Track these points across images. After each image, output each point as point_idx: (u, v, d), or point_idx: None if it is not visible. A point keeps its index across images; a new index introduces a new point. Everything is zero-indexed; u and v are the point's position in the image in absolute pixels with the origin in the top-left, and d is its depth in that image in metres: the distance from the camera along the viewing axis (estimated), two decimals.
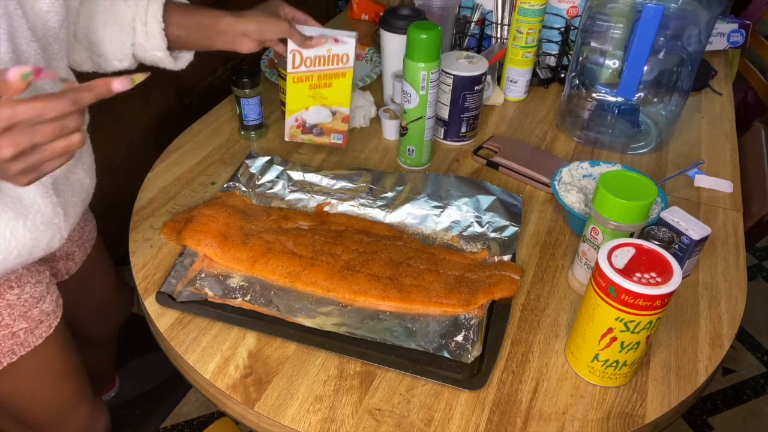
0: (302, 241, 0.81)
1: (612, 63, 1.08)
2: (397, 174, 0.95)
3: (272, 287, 0.77)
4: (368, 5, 1.56)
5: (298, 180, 0.94)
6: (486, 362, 0.69)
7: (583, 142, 1.11)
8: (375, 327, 0.73)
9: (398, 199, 0.91)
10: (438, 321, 0.74)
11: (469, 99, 1.03)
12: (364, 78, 1.24)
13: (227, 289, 0.77)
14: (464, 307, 0.74)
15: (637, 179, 0.71)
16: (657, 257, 0.62)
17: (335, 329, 0.72)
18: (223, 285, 0.77)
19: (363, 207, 0.90)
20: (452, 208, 0.89)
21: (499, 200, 0.90)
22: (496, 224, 0.87)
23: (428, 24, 0.89)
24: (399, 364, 0.69)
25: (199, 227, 0.81)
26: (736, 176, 1.04)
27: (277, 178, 0.94)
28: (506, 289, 0.76)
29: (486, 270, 0.79)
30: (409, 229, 0.88)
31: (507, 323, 0.74)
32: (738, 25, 1.43)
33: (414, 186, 0.93)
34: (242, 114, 1.04)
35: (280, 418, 0.64)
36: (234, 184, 0.93)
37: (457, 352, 0.70)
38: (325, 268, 0.78)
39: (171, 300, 0.75)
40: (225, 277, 0.78)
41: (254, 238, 0.81)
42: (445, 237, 0.86)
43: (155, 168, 0.99)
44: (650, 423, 0.65)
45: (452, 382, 0.67)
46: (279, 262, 0.78)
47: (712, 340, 0.74)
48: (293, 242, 0.81)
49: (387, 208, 0.90)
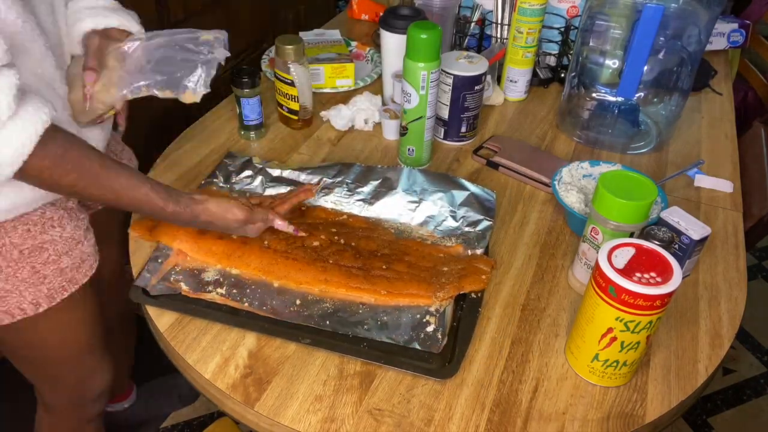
0: (278, 234, 0.82)
1: (612, 63, 1.08)
2: (374, 168, 0.96)
3: (247, 281, 0.78)
4: (368, 5, 1.56)
5: (276, 176, 0.95)
6: (458, 352, 0.70)
7: (583, 142, 1.11)
8: (347, 320, 0.73)
9: (375, 194, 0.92)
10: (409, 314, 0.74)
11: (469, 99, 1.03)
12: (364, 78, 1.24)
13: (202, 283, 0.77)
14: (433, 299, 0.75)
15: (637, 179, 0.71)
16: (657, 257, 0.62)
17: (306, 322, 0.73)
18: (197, 279, 0.78)
19: (340, 201, 0.91)
20: (427, 202, 0.90)
21: (473, 195, 0.91)
22: (470, 218, 0.88)
23: (428, 24, 0.89)
24: (370, 354, 0.69)
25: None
26: (736, 176, 1.04)
27: (256, 174, 0.95)
28: (476, 282, 0.77)
29: (458, 263, 0.80)
30: (385, 223, 0.88)
31: (478, 314, 0.75)
32: (738, 25, 1.43)
33: (390, 181, 0.93)
34: (242, 114, 1.04)
35: (280, 417, 0.64)
36: (212, 180, 0.94)
37: (428, 343, 0.71)
38: (297, 261, 0.79)
39: (145, 294, 0.75)
40: (200, 272, 0.79)
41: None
42: (420, 231, 0.87)
43: (155, 168, 0.99)
44: (650, 423, 0.65)
45: (424, 372, 0.67)
46: (253, 256, 0.79)
47: (712, 340, 0.74)
48: (269, 235, 0.82)
49: (364, 202, 0.91)
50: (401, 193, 0.91)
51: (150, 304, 0.75)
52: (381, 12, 1.49)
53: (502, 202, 0.95)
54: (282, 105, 1.08)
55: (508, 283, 0.80)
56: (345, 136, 1.10)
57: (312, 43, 1.29)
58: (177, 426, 1.45)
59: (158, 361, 0.92)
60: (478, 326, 0.74)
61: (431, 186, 0.92)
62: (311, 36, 1.33)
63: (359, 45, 1.36)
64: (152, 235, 0.82)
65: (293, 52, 1.00)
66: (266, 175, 0.95)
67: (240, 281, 0.78)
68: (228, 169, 0.96)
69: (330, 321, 0.73)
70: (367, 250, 0.82)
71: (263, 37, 2.10)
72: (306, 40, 1.30)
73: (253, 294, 0.76)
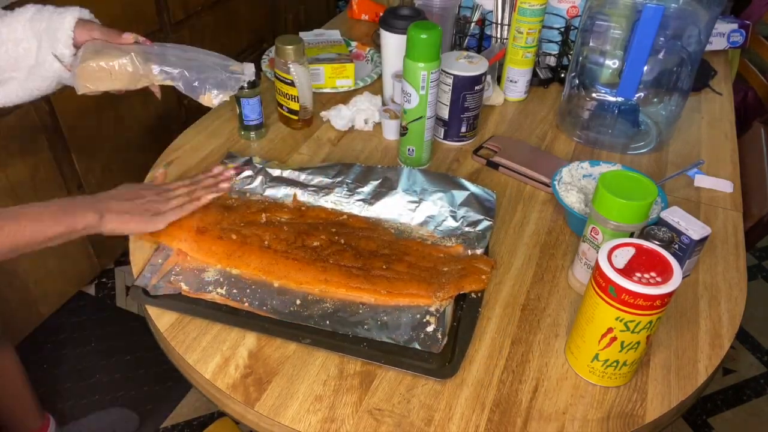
0: (278, 234, 0.82)
1: (612, 63, 1.08)
2: (374, 169, 0.95)
3: (247, 281, 0.78)
4: (368, 5, 1.56)
5: (276, 176, 0.95)
6: (458, 352, 0.70)
7: (583, 142, 1.11)
8: (347, 320, 0.73)
9: (375, 194, 0.91)
10: (409, 314, 0.74)
11: (469, 99, 1.03)
12: (364, 78, 1.24)
13: (202, 282, 0.77)
14: (433, 299, 0.75)
15: (637, 179, 0.71)
16: (657, 257, 0.62)
17: (306, 322, 0.73)
18: (198, 279, 0.78)
19: (340, 201, 0.91)
20: (427, 202, 0.90)
21: (473, 195, 0.91)
22: (470, 218, 0.88)
23: (428, 24, 0.89)
24: (370, 354, 0.69)
25: (172, 223, 0.81)
26: (736, 176, 1.04)
27: (256, 174, 0.95)
28: (476, 282, 0.77)
29: (458, 263, 0.80)
30: (385, 223, 0.88)
31: (478, 314, 0.75)
32: (738, 25, 1.43)
33: (390, 181, 0.93)
34: (242, 114, 1.04)
35: (280, 417, 0.64)
36: None
37: (428, 343, 0.71)
38: (297, 261, 0.79)
39: (145, 294, 0.75)
40: (200, 272, 0.79)
41: (230, 232, 0.82)
42: (420, 231, 0.87)
43: (155, 168, 0.99)
44: (650, 423, 0.65)
45: (424, 372, 0.68)
46: (253, 256, 0.79)
47: (712, 340, 0.74)
48: (269, 236, 0.82)
49: (363, 202, 0.91)
50: (401, 193, 0.91)
51: (150, 304, 0.75)
52: (381, 12, 1.49)
53: (502, 202, 0.95)
54: (282, 105, 1.08)
55: (508, 283, 0.80)
56: (345, 136, 1.10)
57: (312, 43, 1.29)
58: (177, 426, 1.46)
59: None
60: (478, 326, 0.74)
61: (431, 186, 0.92)
62: (311, 36, 1.33)
63: (359, 45, 1.36)
64: (152, 236, 0.82)
65: (293, 52, 1.00)
66: (266, 175, 0.95)
67: (240, 281, 0.78)
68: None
69: (330, 321, 0.73)
70: (367, 250, 0.82)
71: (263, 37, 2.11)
72: (306, 40, 1.30)
73: (253, 294, 0.76)
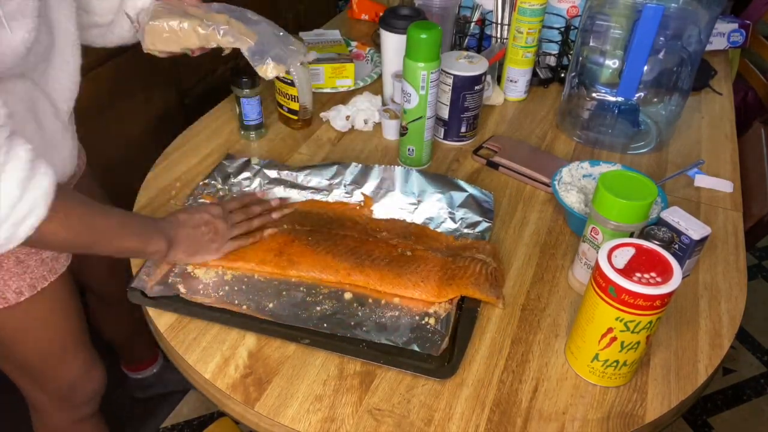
0: (276, 234, 0.83)
1: (612, 63, 1.08)
2: (372, 168, 0.95)
3: (245, 282, 0.78)
4: (368, 5, 1.56)
5: (274, 178, 0.95)
6: (457, 352, 0.70)
7: (583, 142, 1.11)
8: (345, 322, 0.73)
9: (373, 194, 0.92)
10: (408, 315, 0.74)
11: (469, 99, 1.03)
12: (364, 78, 1.24)
13: (200, 284, 0.77)
14: (435, 296, 0.75)
15: (637, 179, 0.71)
16: (657, 257, 0.62)
17: (304, 324, 0.72)
18: (195, 281, 0.78)
19: (339, 201, 0.91)
20: (426, 203, 0.90)
21: (471, 196, 0.91)
22: (468, 220, 0.88)
23: (428, 24, 0.89)
24: (370, 354, 0.69)
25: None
26: (736, 176, 1.04)
27: (254, 176, 0.95)
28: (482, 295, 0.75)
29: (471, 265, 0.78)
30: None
31: (478, 314, 0.75)
32: (738, 25, 1.43)
33: (388, 182, 0.93)
34: (242, 114, 1.04)
35: (280, 417, 0.64)
36: (210, 181, 0.94)
37: (427, 345, 0.70)
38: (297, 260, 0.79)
39: (143, 296, 0.75)
40: (197, 273, 0.79)
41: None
42: None
43: (155, 168, 0.99)
44: (650, 423, 0.65)
45: (424, 372, 0.68)
46: (252, 256, 0.80)
47: (712, 340, 0.74)
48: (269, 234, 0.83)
49: (362, 203, 0.90)
50: (400, 194, 0.91)
51: (148, 305, 0.74)
52: (381, 12, 1.49)
53: (502, 202, 0.95)
54: (282, 105, 1.08)
55: (508, 283, 0.80)
56: (345, 136, 1.10)
57: (312, 43, 1.29)
58: (177, 426, 1.46)
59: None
60: (478, 326, 0.74)
61: (430, 187, 0.92)
62: (311, 36, 1.33)
63: (359, 45, 1.36)
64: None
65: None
66: (265, 176, 0.95)
67: (238, 283, 0.78)
68: (226, 170, 0.96)
69: (328, 323, 0.73)
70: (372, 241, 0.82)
71: None
72: (306, 40, 1.30)
73: (252, 296, 0.76)
